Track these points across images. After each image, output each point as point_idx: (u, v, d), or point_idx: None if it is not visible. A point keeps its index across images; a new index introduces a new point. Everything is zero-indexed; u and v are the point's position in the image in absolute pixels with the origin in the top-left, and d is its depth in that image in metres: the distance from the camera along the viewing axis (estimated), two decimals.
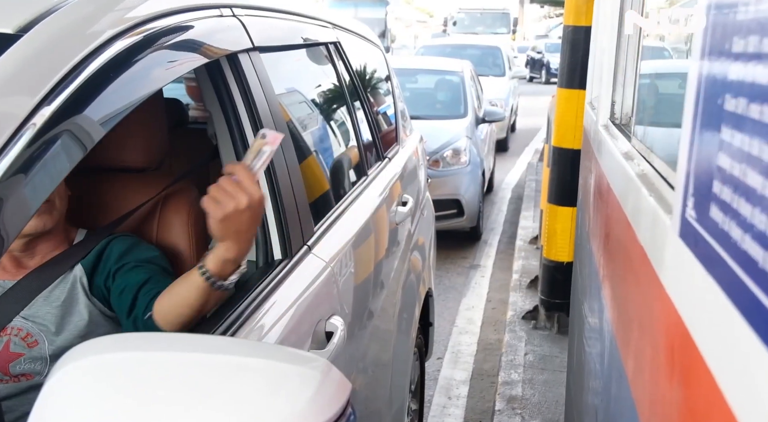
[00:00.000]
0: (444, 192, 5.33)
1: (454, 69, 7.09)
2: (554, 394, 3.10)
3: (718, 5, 0.71)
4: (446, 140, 5.66)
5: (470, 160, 5.66)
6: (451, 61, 7.68)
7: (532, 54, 26.42)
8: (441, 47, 12.55)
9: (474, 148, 5.89)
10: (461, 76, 6.84)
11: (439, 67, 7.46)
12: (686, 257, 0.74)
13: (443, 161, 5.56)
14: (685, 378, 0.73)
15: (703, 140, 0.73)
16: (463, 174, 5.57)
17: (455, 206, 5.43)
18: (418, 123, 5.84)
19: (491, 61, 11.40)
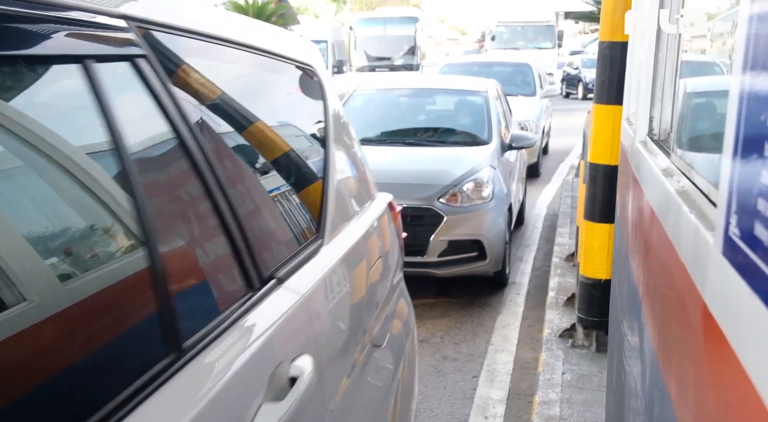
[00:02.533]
0: (463, 232, 4.68)
1: (477, 88, 6.37)
2: (593, 414, 3.05)
3: (761, 17, 0.70)
4: (466, 171, 4.91)
5: (494, 194, 4.89)
6: (475, 80, 6.98)
7: (568, 70, 26.16)
8: (466, 65, 11.61)
9: (499, 179, 5.13)
10: (485, 97, 6.14)
11: (461, 86, 6.73)
12: (730, 276, 0.73)
13: (462, 196, 4.79)
14: (730, 398, 0.72)
15: (746, 156, 0.72)
16: (486, 211, 4.80)
17: (476, 248, 4.73)
18: (435, 150, 5.44)
19: (521, 80, 10.66)
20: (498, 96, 6.55)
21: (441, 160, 5.20)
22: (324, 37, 16.89)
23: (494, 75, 9.58)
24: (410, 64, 21.07)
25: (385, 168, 4.89)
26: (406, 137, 5.83)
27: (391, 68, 20.78)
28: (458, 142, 5.71)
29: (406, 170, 4.97)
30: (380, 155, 5.20)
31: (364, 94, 6.56)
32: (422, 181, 4.80)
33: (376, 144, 5.48)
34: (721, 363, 0.75)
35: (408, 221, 4.37)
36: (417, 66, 20.96)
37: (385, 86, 6.93)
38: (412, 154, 5.39)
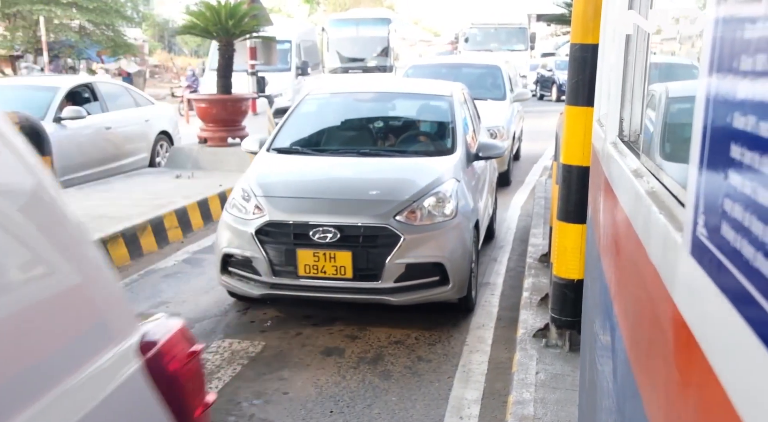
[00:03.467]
0: (422, 254, 4.14)
1: (441, 93, 5.80)
2: (566, 413, 3.07)
3: (726, 21, 0.71)
4: (427, 184, 4.41)
5: (458, 210, 4.37)
6: (439, 84, 6.34)
7: (542, 71, 26.39)
8: (433, 67, 10.95)
9: (464, 193, 4.61)
10: (450, 102, 5.56)
11: (423, 90, 6.17)
12: (698, 275, 0.74)
13: (422, 212, 4.26)
14: (698, 396, 0.73)
15: (713, 157, 0.73)
16: (449, 229, 4.27)
17: (437, 271, 4.19)
18: (393, 161, 4.89)
19: (490, 83, 10.05)
20: (464, 101, 5.98)
21: (399, 172, 4.77)
22: (288, 37, 16.13)
23: (462, 77, 9.23)
24: (383, 65, 21.07)
25: (335, 182, 4.61)
26: (361, 145, 5.36)
27: (364, 70, 20.77)
28: (419, 152, 5.20)
29: (359, 184, 4.56)
30: (331, 167, 4.89)
31: (316, 98, 6.05)
32: (377, 196, 4.35)
33: (327, 154, 5.12)
34: (690, 362, 0.76)
35: (360, 242, 4.11)
36: (390, 67, 20.95)
37: (340, 90, 6.35)
38: (367, 165, 4.90)
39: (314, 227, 4.10)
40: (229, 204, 4.56)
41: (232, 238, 4.33)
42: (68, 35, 24.51)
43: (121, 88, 9.88)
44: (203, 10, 10.02)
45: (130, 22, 28.08)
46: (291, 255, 4.13)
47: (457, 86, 6.11)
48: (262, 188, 4.45)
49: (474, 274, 4.64)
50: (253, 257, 4.21)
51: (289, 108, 5.98)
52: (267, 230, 4.20)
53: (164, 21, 43.70)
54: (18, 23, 23.82)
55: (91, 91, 8.85)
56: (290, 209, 4.25)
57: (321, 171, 4.81)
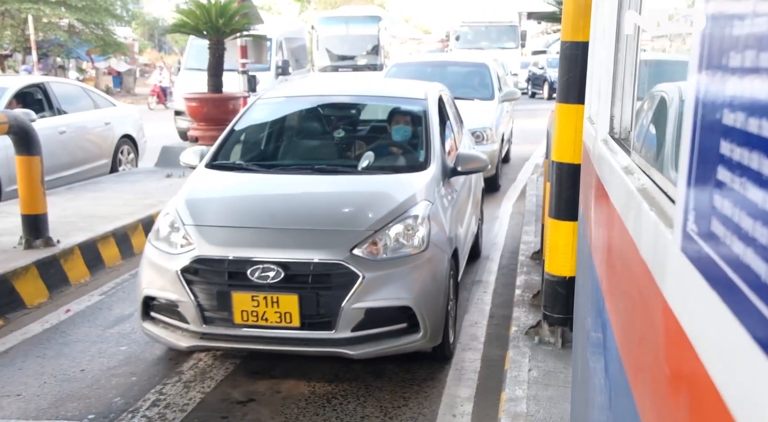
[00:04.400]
0: (386, 296, 3.38)
1: (414, 95, 4.97)
2: (559, 410, 3.08)
3: (715, 18, 0.71)
4: (394, 208, 3.67)
5: (431, 239, 3.61)
6: (413, 85, 5.52)
7: (534, 69, 26.46)
8: (417, 65, 10.40)
9: (440, 217, 3.84)
10: (424, 107, 4.74)
11: (393, 93, 5.33)
12: (688, 271, 0.74)
13: (386, 244, 3.51)
14: (689, 392, 0.73)
15: (703, 153, 0.73)
16: (419, 264, 3.50)
17: (405, 317, 3.44)
18: (354, 180, 4.13)
19: (478, 82, 9.51)
20: (443, 104, 5.21)
21: (360, 193, 3.96)
22: (268, 34, 14.76)
23: (448, 76, 8.97)
24: (374, 64, 21.04)
25: (282, 207, 3.88)
26: (317, 160, 4.60)
27: (354, 68, 20.73)
28: (386, 167, 4.36)
29: (311, 210, 3.81)
30: (279, 188, 4.12)
31: (268, 104, 5.21)
32: (331, 225, 3.61)
33: (277, 172, 4.33)
34: (681, 358, 0.76)
35: (309, 282, 3.36)
36: (381, 66, 20.91)
37: (295, 93, 5.48)
38: (323, 185, 4.10)
39: (254, 265, 3.37)
40: (153, 234, 3.78)
41: (154, 277, 3.57)
42: (57, 34, 24.37)
43: (78, 89, 9.20)
44: (193, 8, 9.98)
45: (119, 20, 27.95)
46: (225, 299, 3.38)
47: (433, 88, 5.24)
48: (193, 215, 3.70)
49: (452, 314, 3.91)
50: (179, 301, 3.46)
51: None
52: (196, 267, 3.45)
53: (154, 20, 43.51)
54: (6, 22, 23.66)
55: (43, 92, 8.17)
56: (225, 241, 3.52)
57: (267, 193, 4.10)
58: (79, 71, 29.17)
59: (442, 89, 5.57)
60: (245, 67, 11.62)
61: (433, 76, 8.73)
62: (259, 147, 4.98)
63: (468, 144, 5.89)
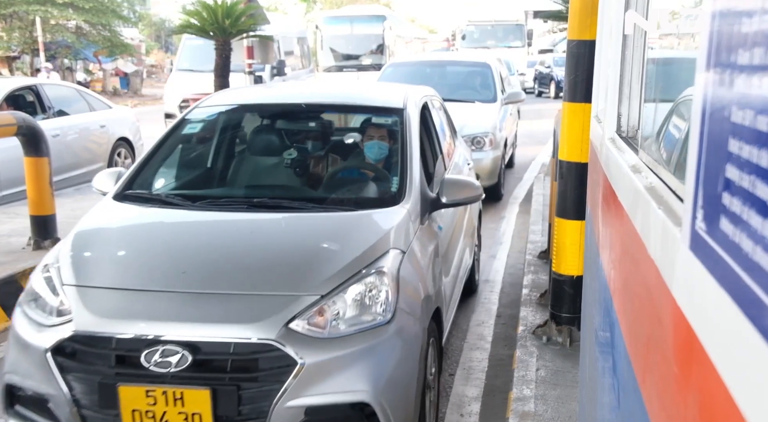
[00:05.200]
0: (334, 388, 2.42)
1: (390, 104, 3.84)
2: (567, 410, 3.08)
3: (723, 15, 0.71)
4: (350, 262, 2.66)
5: (399, 305, 2.60)
6: (391, 90, 4.38)
7: (540, 68, 26.43)
8: (414, 66, 9.56)
9: (415, 270, 2.86)
10: (401, 119, 3.61)
11: (364, 100, 4.15)
12: (697, 270, 0.74)
13: (340, 313, 2.55)
14: (698, 391, 0.73)
15: (711, 151, 0.73)
16: (382, 342, 2.52)
17: (359, 417, 2.46)
18: (300, 220, 3.02)
19: (479, 83, 8.85)
20: (429, 113, 4.16)
21: (308, 239, 2.90)
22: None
23: (448, 77, 8.57)
24: (378, 63, 20.99)
25: (197, 262, 2.75)
26: (258, 190, 3.55)
27: (359, 68, 20.71)
28: (346, 201, 3.25)
29: (236, 265, 2.71)
30: (200, 232, 3.05)
31: (206, 114, 4.10)
32: (263, 287, 2.58)
33: (203, 207, 3.17)
34: (690, 357, 0.76)
35: (228, 371, 2.41)
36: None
37: (241, 101, 4.24)
38: (260, 227, 3.02)
39: (151, 345, 2.40)
40: (25, 294, 2.78)
41: (18, 358, 2.57)
42: (65, 36, 24.49)
43: (72, 91, 8.91)
44: (199, 9, 10.00)
45: (126, 22, 28.05)
46: (110, 393, 2.39)
47: (416, 93, 4.09)
48: (76, 271, 2.69)
49: (431, 400, 2.91)
50: (49, 395, 2.47)
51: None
52: (72, 347, 2.48)
53: (161, 21, 43.67)
54: (14, 24, 23.79)
55: (35, 94, 7.96)
56: (113, 311, 2.52)
57: (182, 241, 3.00)
58: (86, 73, 29.30)
59: (429, 94, 4.46)
60: (251, 68, 11.64)
61: (432, 77, 8.38)
62: (187, 173, 3.92)
63: (462, 159, 4.88)
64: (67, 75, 26.25)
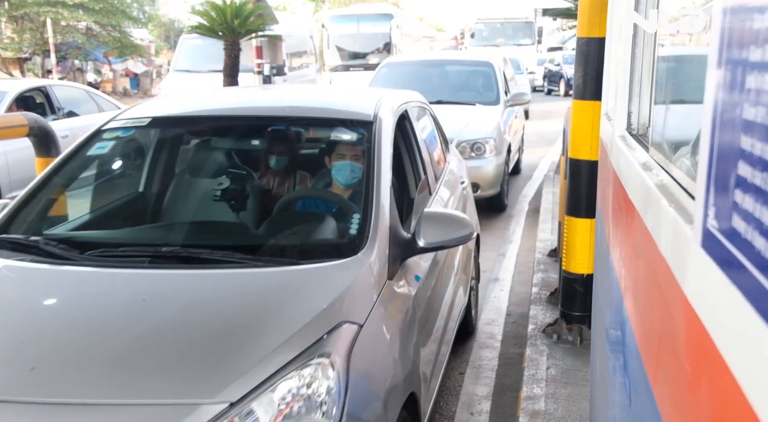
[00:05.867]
0: None
1: (359, 114, 2.97)
2: (578, 408, 3.07)
3: (734, 11, 0.71)
4: (281, 344, 1.86)
5: (348, 406, 1.79)
6: (363, 96, 3.49)
7: (549, 66, 26.34)
8: (411, 65, 9.01)
9: (375, 350, 2.09)
10: (374, 134, 2.76)
11: (324, 111, 3.14)
12: (709, 267, 0.73)
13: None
14: (711, 389, 0.72)
15: (723, 148, 0.73)
16: None
17: None
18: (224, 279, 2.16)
19: (481, 84, 8.30)
20: (410, 123, 3.30)
21: (218, 313, 2.06)
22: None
23: (447, 78, 8.20)
24: None
25: (56, 348, 1.88)
26: (168, 236, 2.70)
27: (365, 67, 20.65)
28: (285, 250, 2.42)
29: (103, 358, 1.85)
30: (65, 305, 2.16)
31: (120, 131, 3.14)
32: (138, 393, 1.74)
33: (93, 261, 2.30)
34: (702, 355, 0.75)
35: None
36: None
37: (165, 112, 3.19)
38: (152, 296, 2.16)
39: None
40: None
41: None
42: (75, 37, 24.62)
43: (82, 92, 8.99)
44: (209, 9, 10.04)
45: (136, 22, 28.16)
46: None
47: (392, 99, 3.18)
48: None
49: None
50: None
51: None
52: None
53: (170, 21, 43.83)
54: (25, 25, 23.94)
55: (45, 95, 8.01)
56: None
57: (40, 317, 2.08)
58: (96, 73, 29.46)
59: (411, 100, 3.55)
60: (260, 68, 11.66)
61: (430, 78, 8.09)
62: (85, 208, 3.12)
63: (454, 179, 3.94)
64: (78, 76, 26.39)
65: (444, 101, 7.37)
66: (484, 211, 6.70)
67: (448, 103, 7.40)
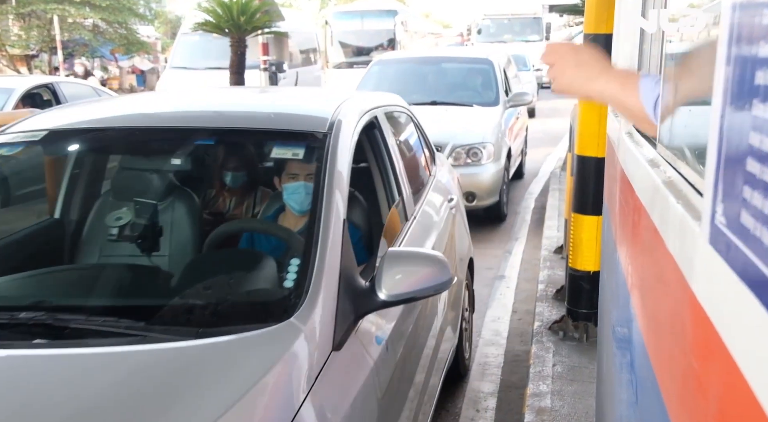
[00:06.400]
0: None
1: (309, 125, 2.30)
2: (584, 405, 3.06)
3: (743, 6, 0.70)
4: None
5: None
6: (323, 102, 2.68)
7: None
8: (404, 63, 8.32)
9: None
10: (327, 150, 2.08)
11: (274, 119, 2.44)
12: (717, 264, 0.73)
13: None
14: (719, 386, 0.72)
15: (731, 145, 0.72)
16: None
17: None
18: (111, 359, 1.44)
19: (480, 82, 7.71)
20: (381, 135, 2.66)
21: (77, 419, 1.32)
22: None
23: (442, 76, 7.72)
24: None
25: None
26: (39, 292, 1.97)
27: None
28: (193, 316, 1.72)
29: None
30: None
31: (2, 151, 2.44)
32: None
33: None
34: (710, 352, 0.75)
35: None
36: None
37: (61, 125, 2.45)
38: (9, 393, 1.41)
39: None
40: None
41: None
42: (82, 34, 24.68)
43: (88, 89, 8.86)
44: (215, 6, 10.05)
45: (142, 19, 28.21)
46: None
47: (360, 104, 2.57)
48: None
49: None
50: None
51: None
52: None
53: (176, 18, 43.87)
54: (32, 23, 24.02)
55: (52, 92, 7.93)
56: None
57: None
58: (103, 70, 29.53)
59: (385, 104, 2.89)
60: (267, 64, 11.66)
61: (425, 77, 7.68)
62: None
63: (439, 193, 3.33)
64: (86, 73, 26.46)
65: (438, 102, 7.14)
66: (484, 219, 6.55)
67: (442, 104, 7.13)
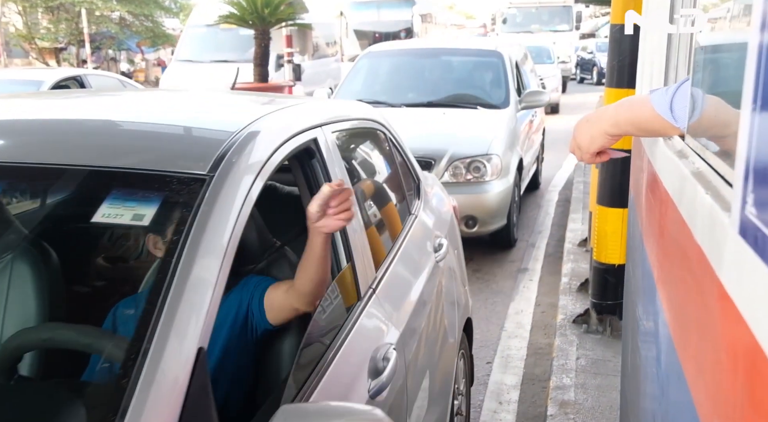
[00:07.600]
0: None
1: (185, 164, 1.39)
2: (608, 399, 3.04)
3: None
4: None
5: None
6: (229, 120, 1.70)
7: (582, 54, 25.79)
8: (397, 55, 6.93)
9: None
10: (201, 200, 1.27)
11: (159, 137, 1.63)
12: (747, 255, 0.72)
13: None
14: (748, 380, 0.71)
15: (763, 134, 0.71)
16: None
17: None
18: None
19: (486, 80, 6.43)
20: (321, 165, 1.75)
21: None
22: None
23: (442, 71, 6.47)
24: None
25: None
26: None
27: None
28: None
29: None
30: None
31: None
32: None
33: None
34: (740, 345, 0.74)
35: None
36: None
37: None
38: None
39: None
40: None
41: None
42: (109, 27, 24.95)
43: (115, 81, 8.93)
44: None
45: (168, 12, 28.42)
46: None
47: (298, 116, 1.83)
48: None
49: None
50: None
51: None
52: None
53: None
54: (61, 16, 24.34)
55: (80, 85, 7.87)
56: None
57: None
58: (129, 63, 29.83)
59: (335, 119, 2.04)
60: (291, 57, 11.68)
61: (420, 72, 6.45)
62: None
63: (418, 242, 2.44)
64: (112, 65, 26.77)
65: (435, 103, 5.91)
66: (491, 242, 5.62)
67: (440, 105, 5.90)
